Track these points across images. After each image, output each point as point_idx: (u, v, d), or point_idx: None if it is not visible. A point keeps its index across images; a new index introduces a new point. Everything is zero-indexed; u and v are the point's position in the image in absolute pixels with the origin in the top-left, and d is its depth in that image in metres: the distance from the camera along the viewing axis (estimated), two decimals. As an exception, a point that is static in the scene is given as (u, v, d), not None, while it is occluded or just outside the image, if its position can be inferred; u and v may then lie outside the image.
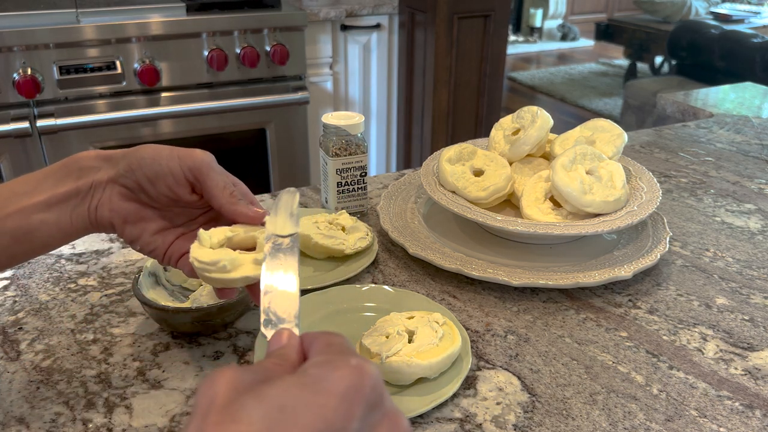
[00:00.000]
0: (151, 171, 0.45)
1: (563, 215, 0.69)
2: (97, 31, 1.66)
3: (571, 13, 6.64)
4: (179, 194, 0.46)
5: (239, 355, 0.56)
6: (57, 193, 0.45)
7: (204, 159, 0.45)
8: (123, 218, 0.46)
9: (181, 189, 0.46)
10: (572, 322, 0.61)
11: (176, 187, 0.45)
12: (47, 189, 0.45)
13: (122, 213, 0.46)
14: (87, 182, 0.45)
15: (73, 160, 0.46)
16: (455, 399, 0.51)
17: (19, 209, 0.44)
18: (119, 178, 0.45)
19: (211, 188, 0.45)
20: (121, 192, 0.46)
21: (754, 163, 1.02)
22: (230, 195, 0.45)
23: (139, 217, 0.47)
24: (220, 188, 0.45)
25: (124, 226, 0.46)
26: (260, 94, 1.90)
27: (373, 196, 0.86)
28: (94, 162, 0.46)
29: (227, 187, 0.45)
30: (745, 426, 0.49)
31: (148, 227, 0.47)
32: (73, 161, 0.46)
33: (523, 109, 0.77)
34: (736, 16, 4.79)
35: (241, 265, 0.43)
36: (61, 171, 0.46)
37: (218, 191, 0.45)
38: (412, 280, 0.68)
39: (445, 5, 1.98)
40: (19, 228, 0.44)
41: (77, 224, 0.46)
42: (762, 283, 0.68)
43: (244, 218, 0.45)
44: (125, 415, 0.49)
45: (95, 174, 0.46)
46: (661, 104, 1.41)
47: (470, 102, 2.19)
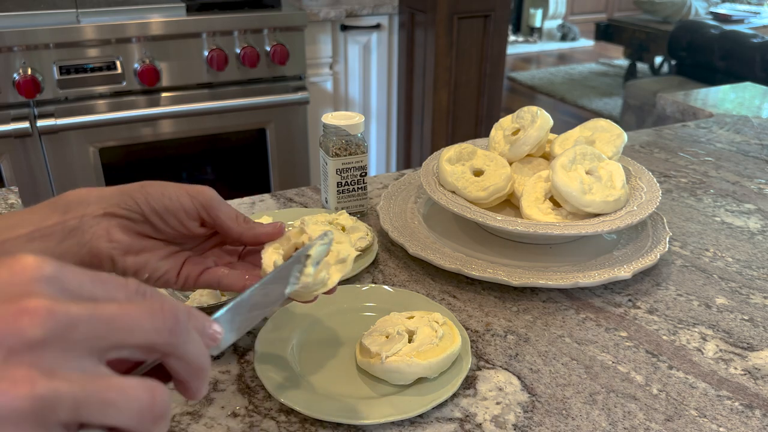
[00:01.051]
0: (160, 205, 0.45)
1: (563, 215, 0.69)
2: (97, 31, 1.66)
3: (571, 13, 6.64)
4: (189, 228, 0.46)
5: (239, 354, 0.56)
6: (41, 227, 0.43)
7: (213, 195, 0.46)
8: (124, 250, 0.45)
9: (192, 223, 0.46)
10: (572, 322, 0.61)
11: (187, 221, 0.46)
12: (31, 223, 0.43)
13: (123, 245, 0.45)
14: (75, 216, 0.43)
15: (61, 197, 0.44)
16: (455, 399, 0.51)
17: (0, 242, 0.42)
18: (118, 211, 0.44)
19: (224, 221, 0.47)
20: (120, 224, 0.44)
21: (754, 163, 1.02)
22: (244, 222, 0.47)
23: (141, 248, 0.46)
24: (233, 219, 0.47)
25: (126, 257, 0.45)
26: (260, 94, 1.90)
27: (373, 196, 0.86)
28: (83, 197, 0.44)
29: (238, 216, 0.47)
30: (744, 426, 0.49)
31: (153, 255, 0.46)
32: (60, 198, 0.44)
33: (523, 109, 0.77)
34: (736, 16, 4.79)
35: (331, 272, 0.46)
36: (47, 207, 0.44)
37: (232, 222, 0.47)
38: (412, 280, 0.68)
39: (445, 5, 1.98)
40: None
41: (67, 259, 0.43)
42: (762, 283, 0.68)
43: (267, 236, 0.48)
44: (125, 415, 0.49)
45: (85, 209, 0.44)
46: (661, 104, 1.41)
47: (470, 102, 2.19)
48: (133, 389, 0.25)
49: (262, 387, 0.52)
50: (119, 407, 0.25)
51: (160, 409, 0.26)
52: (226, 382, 0.52)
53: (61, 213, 0.43)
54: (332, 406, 0.48)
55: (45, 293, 0.25)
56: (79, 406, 0.24)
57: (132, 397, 0.25)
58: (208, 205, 0.46)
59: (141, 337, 0.27)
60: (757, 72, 3.41)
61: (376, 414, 0.48)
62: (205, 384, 0.31)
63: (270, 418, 0.49)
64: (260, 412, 0.49)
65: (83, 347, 0.25)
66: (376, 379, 0.52)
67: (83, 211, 0.43)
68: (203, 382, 0.31)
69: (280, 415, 0.49)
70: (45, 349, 0.24)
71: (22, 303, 0.24)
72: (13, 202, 0.81)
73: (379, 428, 0.48)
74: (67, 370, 0.24)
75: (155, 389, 0.26)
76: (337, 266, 0.47)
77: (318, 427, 0.48)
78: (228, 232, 0.47)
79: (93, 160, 1.79)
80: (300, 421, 0.49)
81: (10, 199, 0.82)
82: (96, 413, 0.24)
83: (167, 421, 0.27)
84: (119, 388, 0.25)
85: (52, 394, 0.23)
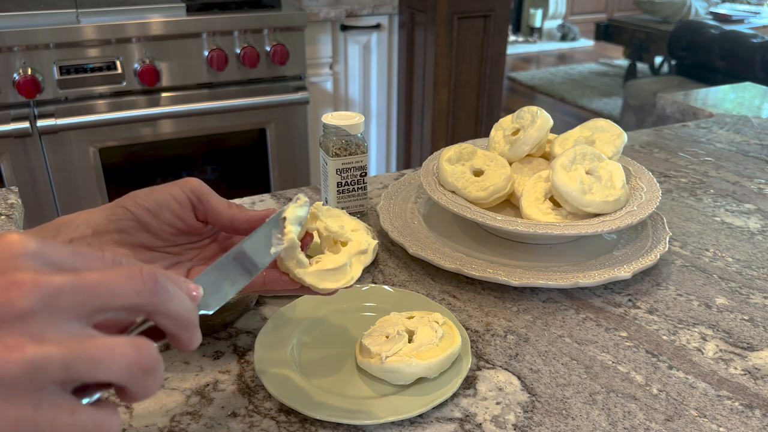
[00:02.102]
0: (150, 202, 0.44)
1: (563, 215, 0.69)
2: (97, 31, 1.66)
3: (571, 13, 6.64)
4: (185, 219, 0.45)
5: (239, 354, 0.56)
6: None
7: (200, 182, 0.46)
8: None
9: (187, 213, 0.45)
10: (572, 322, 0.61)
11: (181, 212, 0.45)
12: None
13: None
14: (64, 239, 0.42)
15: (53, 222, 0.43)
16: (455, 399, 0.51)
17: None
18: (108, 226, 0.43)
19: (215, 206, 0.45)
20: (114, 239, 0.43)
21: (754, 163, 1.02)
22: (237, 207, 0.46)
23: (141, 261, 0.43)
24: (224, 205, 0.46)
25: None
26: (260, 94, 1.90)
27: (373, 196, 0.86)
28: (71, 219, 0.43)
29: (230, 203, 0.46)
30: (744, 426, 0.49)
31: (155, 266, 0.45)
32: (52, 222, 0.43)
33: (523, 109, 0.78)
34: (735, 16, 4.79)
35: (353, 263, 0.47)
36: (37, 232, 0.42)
37: (223, 208, 0.46)
38: (412, 280, 0.68)
39: (445, 5, 1.98)
40: None
41: None
42: (762, 282, 0.68)
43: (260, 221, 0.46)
44: (125, 415, 0.49)
45: (74, 231, 0.43)
46: (661, 104, 1.41)
47: (470, 102, 2.19)
48: (119, 346, 0.27)
49: (262, 387, 0.52)
50: (107, 363, 0.27)
51: (148, 362, 0.28)
52: (226, 382, 0.52)
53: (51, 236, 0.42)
54: (332, 406, 0.48)
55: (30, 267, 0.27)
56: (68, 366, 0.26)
57: (118, 354, 0.27)
58: (197, 191, 0.45)
59: (123, 299, 0.29)
60: (757, 72, 3.41)
61: (376, 414, 0.48)
62: (195, 335, 0.34)
63: (270, 418, 0.49)
64: (260, 412, 0.49)
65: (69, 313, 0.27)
66: (376, 379, 0.52)
67: (72, 234, 0.42)
68: (193, 333, 0.33)
69: (280, 415, 0.49)
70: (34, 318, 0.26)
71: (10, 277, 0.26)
72: (13, 202, 0.82)
73: (379, 428, 0.48)
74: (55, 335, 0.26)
75: (141, 344, 0.28)
76: (358, 257, 0.47)
77: (318, 427, 0.48)
78: (220, 217, 0.46)
79: (93, 160, 1.79)
80: (300, 421, 0.49)
81: (10, 199, 0.82)
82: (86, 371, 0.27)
83: (158, 374, 0.29)
84: (106, 346, 0.27)
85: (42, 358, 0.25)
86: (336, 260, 0.45)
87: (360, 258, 0.47)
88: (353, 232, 0.48)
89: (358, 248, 0.47)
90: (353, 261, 0.47)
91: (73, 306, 0.27)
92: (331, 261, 0.45)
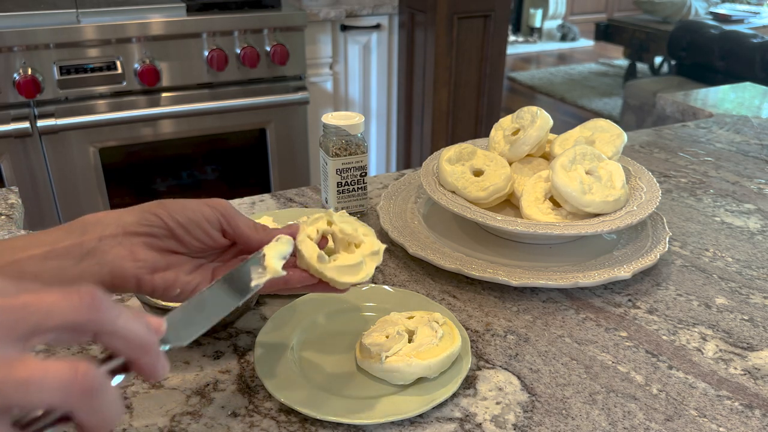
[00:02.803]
0: (183, 217, 0.45)
1: (563, 215, 0.69)
2: (97, 31, 1.66)
3: (570, 13, 6.64)
4: (213, 238, 0.47)
5: (239, 354, 0.56)
6: (56, 248, 0.42)
7: (229, 205, 0.47)
8: (151, 268, 0.44)
9: (216, 233, 0.47)
10: (572, 322, 0.61)
11: (211, 231, 0.46)
12: (45, 244, 0.42)
13: (149, 263, 0.44)
14: (93, 237, 0.43)
15: (77, 220, 0.44)
16: (455, 399, 0.51)
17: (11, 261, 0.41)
18: (140, 229, 0.44)
19: (242, 229, 0.47)
20: (144, 242, 0.44)
21: (754, 163, 1.02)
22: (262, 230, 0.48)
23: (168, 264, 0.46)
24: (251, 227, 0.48)
25: (154, 275, 0.45)
26: (260, 94, 1.90)
27: (373, 196, 0.86)
28: (100, 219, 0.44)
29: (256, 225, 0.48)
30: (744, 426, 0.49)
31: (181, 270, 0.46)
32: (77, 221, 0.44)
33: (523, 109, 0.78)
34: (735, 16, 4.79)
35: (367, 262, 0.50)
36: (63, 229, 0.43)
37: (251, 232, 0.48)
38: (412, 280, 0.68)
39: (445, 5, 1.98)
40: None
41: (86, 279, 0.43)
42: (761, 282, 0.68)
43: None
44: (125, 415, 0.49)
45: (103, 230, 0.43)
46: (661, 104, 1.41)
47: (470, 102, 2.19)
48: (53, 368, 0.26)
49: (262, 387, 0.52)
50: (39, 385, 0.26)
51: (86, 382, 0.27)
52: (226, 382, 0.52)
53: (78, 234, 0.43)
54: (332, 406, 0.49)
55: None
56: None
57: (51, 375, 0.26)
58: (227, 214, 0.47)
59: (59, 317, 0.27)
60: (757, 72, 3.41)
61: (376, 414, 0.48)
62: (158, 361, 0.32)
63: (270, 418, 0.49)
64: (260, 412, 0.50)
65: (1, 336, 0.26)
66: (376, 379, 0.52)
67: (101, 233, 0.43)
68: (154, 359, 0.32)
69: (280, 415, 0.49)
70: None
71: None
72: (13, 202, 0.82)
73: (379, 428, 0.48)
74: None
75: (78, 364, 0.27)
76: (371, 257, 0.50)
77: (318, 427, 0.48)
78: (247, 240, 0.48)
79: (93, 160, 1.79)
80: (300, 421, 0.49)
81: (10, 199, 0.82)
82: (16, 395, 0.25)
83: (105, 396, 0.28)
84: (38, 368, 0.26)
85: None
86: (353, 258, 0.49)
87: (373, 258, 0.50)
88: (365, 236, 0.51)
89: (371, 249, 0.50)
90: (367, 260, 0.50)
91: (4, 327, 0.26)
92: (349, 259, 0.49)
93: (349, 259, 0.49)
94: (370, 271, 0.49)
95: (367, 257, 0.50)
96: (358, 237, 0.51)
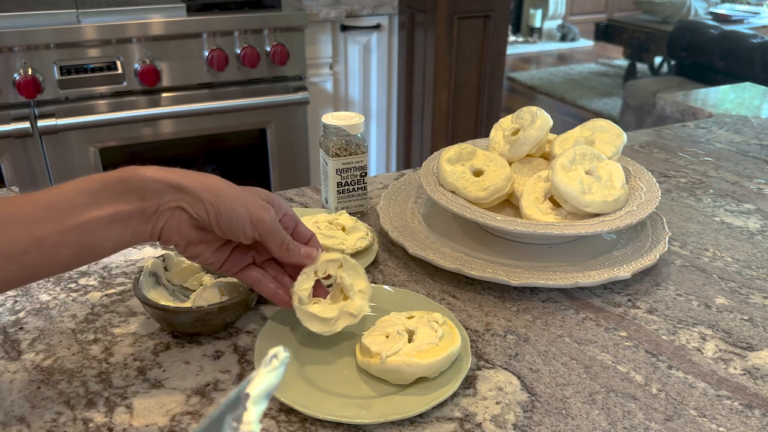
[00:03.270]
0: (226, 221, 0.49)
1: (563, 215, 0.69)
2: (97, 31, 1.67)
3: (570, 14, 6.64)
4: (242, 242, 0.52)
5: (239, 354, 0.56)
6: (120, 210, 0.45)
7: (271, 224, 0.51)
8: (188, 242, 0.50)
9: (246, 241, 0.51)
10: (572, 322, 0.61)
11: (243, 239, 0.51)
12: (107, 203, 0.45)
13: (188, 237, 0.49)
14: (152, 204, 0.46)
15: (134, 177, 0.46)
16: (455, 398, 0.51)
17: (80, 223, 0.44)
18: (189, 210, 0.48)
19: (271, 245, 0.52)
20: (189, 221, 0.49)
21: (754, 163, 1.02)
22: (286, 249, 0.53)
23: (201, 240, 0.51)
24: (278, 245, 0.52)
25: (188, 247, 0.50)
26: (260, 95, 1.90)
27: (373, 196, 0.86)
28: (159, 185, 0.47)
29: (284, 243, 0.52)
30: (744, 426, 0.49)
31: (208, 247, 0.52)
32: (132, 178, 0.46)
33: (523, 109, 0.78)
34: (735, 17, 4.79)
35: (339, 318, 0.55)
36: (119, 186, 0.45)
37: (276, 248, 0.52)
38: (412, 280, 0.68)
39: (445, 5, 1.99)
40: (82, 242, 0.45)
41: (137, 240, 0.48)
42: (761, 282, 0.68)
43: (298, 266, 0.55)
44: (126, 415, 0.49)
45: (161, 197, 0.47)
46: (661, 104, 1.41)
47: (470, 102, 2.19)
48: None
49: (262, 387, 0.52)
50: None
51: None
52: (226, 382, 0.52)
53: (137, 197, 0.46)
54: (332, 406, 0.49)
55: None
56: None
57: None
58: (264, 234, 0.51)
59: None
60: (756, 72, 3.41)
61: (376, 414, 0.48)
62: None
63: (270, 418, 0.49)
64: (260, 411, 0.50)
65: None
66: (376, 379, 0.52)
67: (159, 200, 0.46)
68: None
69: (280, 415, 0.49)
70: None
71: None
72: (14, 202, 0.82)
73: (379, 428, 0.48)
74: None
75: None
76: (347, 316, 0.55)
77: (318, 426, 0.48)
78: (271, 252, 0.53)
79: (93, 161, 1.79)
80: (300, 420, 0.49)
81: (10, 199, 0.82)
82: None
83: None
84: None
85: None
86: (328, 312, 0.54)
87: (348, 318, 0.55)
88: (359, 292, 0.55)
89: (351, 309, 0.55)
90: (341, 317, 0.54)
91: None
92: (324, 311, 0.54)
93: (324, 311, 0.54)
94: (337, 329, 0.54)
95: (344, 315, 0.54)
96: (351, 291, 0.55)
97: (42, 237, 0.43)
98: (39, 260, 0.43)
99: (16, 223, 0.42)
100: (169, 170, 0.48)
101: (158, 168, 0.48)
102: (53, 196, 0.44)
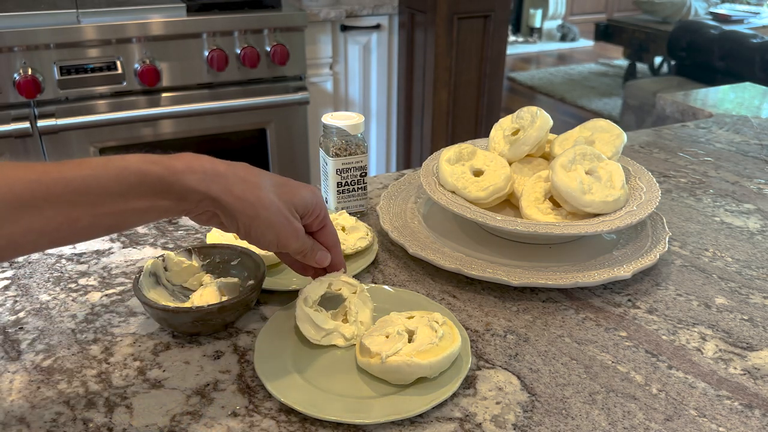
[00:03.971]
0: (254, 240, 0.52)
1: (563, 215, 0.69)
2: (97, 31, 1.66)
3: (570, 14, 6.64)
4: None
5: (239, 354, 0.56)
6: (158, 205, 0.46)
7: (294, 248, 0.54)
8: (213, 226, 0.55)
9: None
10: (572, 322, 0.61)
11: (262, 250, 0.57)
12: (145, 197, 0.45)
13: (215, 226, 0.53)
14: (190, 206, 0.48)
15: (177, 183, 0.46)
16: (455, 398, 0.51)
17: (116, 211, 0.45)
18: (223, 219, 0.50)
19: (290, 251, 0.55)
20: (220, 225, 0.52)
21: (754, 163, 1.02)
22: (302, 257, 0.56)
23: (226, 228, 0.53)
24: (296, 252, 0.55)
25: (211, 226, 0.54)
26: (260, 95, 1.90)
27: (373, 196, 0.86)
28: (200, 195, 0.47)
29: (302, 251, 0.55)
30: (744, 425, 0.49)
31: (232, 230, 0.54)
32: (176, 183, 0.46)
33: (523, 110, 0.78)
34: (735, 17, 4.79)
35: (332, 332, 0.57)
36: (160, 184, 0.46)
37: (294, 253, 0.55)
38: (412, 280, 0.68)
39: (445, 5, 1.99)
40: (114, 225, 0.47)
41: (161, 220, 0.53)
42: (761, 282, 0.68)
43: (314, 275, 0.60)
44: (126, 415, 0.49)
45: (198, 203, 0.48)
46: (661, 104, 1.41)
47: (470, 102, 2.19)
48: None
49: (262, 387, 0.52)
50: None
51: None
52: (226, 382, 0.52)
53: (176, 197, 0.47)
54: (332, 406, 0.49)
55: None
56: None
57: None
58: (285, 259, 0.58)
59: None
60: (756, 72, 3.41)
61: (376, 414, 0.48)
62: None
63: (270, 418, 0.49)
64: (260, 412, 0.50)
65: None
66: (376, 379, 0.52)
67: (196, 205, 0.48)
68: None
69: (280, 415, 0.49)
70: None
71: None
72: (14, 202, 0.81)
73: (379, 428, 0.48)
74: None
75: None
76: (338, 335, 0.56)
77: (318, 427, 0.48)
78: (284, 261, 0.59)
79: (93, 160, 1.79)
80: (300, 421, 0.49)
81: (10, 199, 0.82)
82: None
83: None
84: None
85: None
86: (325, 323, 0.56)
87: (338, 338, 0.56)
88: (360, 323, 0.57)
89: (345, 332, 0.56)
90: (334, 334, 0.56)
91: None
92: (324, 321, 0.56)
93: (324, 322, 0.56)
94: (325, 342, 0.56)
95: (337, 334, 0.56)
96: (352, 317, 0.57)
97: (76, 218, 0.44)
98: (69, 236, 0.45)
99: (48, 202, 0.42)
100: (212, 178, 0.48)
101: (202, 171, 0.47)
102: (87, 180, 0.43)
